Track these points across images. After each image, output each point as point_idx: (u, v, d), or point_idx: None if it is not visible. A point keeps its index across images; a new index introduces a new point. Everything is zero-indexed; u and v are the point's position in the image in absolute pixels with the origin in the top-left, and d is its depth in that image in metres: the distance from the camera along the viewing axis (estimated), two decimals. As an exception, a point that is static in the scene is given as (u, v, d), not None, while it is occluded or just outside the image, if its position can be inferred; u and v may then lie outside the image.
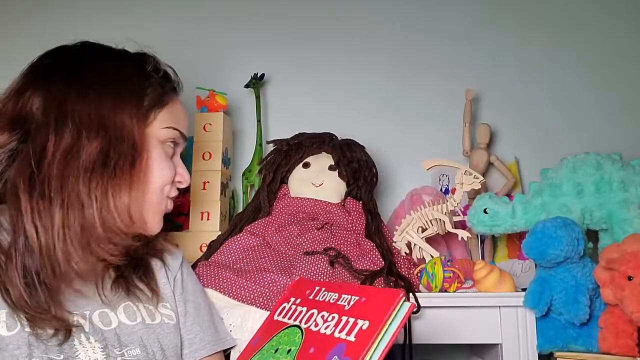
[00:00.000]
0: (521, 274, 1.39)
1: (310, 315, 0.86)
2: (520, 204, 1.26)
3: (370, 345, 0.70)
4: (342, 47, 1.70)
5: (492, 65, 1.68)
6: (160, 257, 1.02)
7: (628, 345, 1.04)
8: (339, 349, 0.73)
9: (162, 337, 0.94)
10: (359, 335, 0.73)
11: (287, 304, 0.96)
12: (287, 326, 0.89)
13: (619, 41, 1.68)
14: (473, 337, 1.19)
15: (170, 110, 0.96)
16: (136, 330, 0.91)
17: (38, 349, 0.80)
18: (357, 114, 1.66)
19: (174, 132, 0.96)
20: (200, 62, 1.67)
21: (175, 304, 1.01)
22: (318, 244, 1.20)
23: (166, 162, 0.94)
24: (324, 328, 0.80)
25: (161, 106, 0.94)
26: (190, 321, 1.01)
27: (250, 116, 1.62)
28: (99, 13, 1.71)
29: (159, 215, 0.95)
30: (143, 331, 0.92)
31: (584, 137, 1.62)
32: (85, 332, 0.85)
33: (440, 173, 1.57)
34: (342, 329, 0.77)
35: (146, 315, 0.94)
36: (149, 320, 0.94)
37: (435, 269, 1.18)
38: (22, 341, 0.80)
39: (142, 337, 0.91)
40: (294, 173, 1.36)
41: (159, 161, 0.93)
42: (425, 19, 1.71)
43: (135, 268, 0.96)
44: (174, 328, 0.97)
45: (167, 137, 0.95)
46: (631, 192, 1.20)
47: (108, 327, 0.89)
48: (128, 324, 0.91)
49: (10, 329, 0.80)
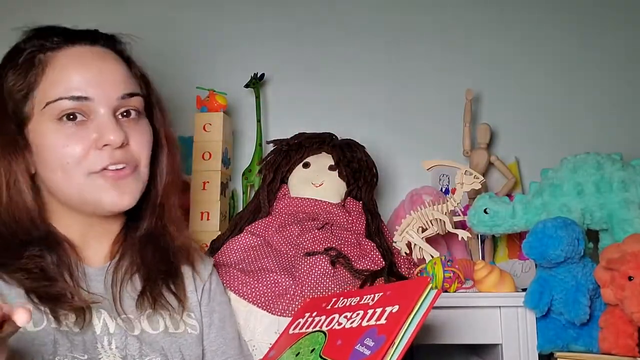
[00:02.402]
0: (521, 274, 1.39)
1: (332, 319, 0.84)
2: (521, 204, 1.26)
3: (404, 322, 0.70)
4: (343, 47, 1.70)
5: (492, 65, 1.68)
6: (191, 264, 0.99)
7: (628, 346, 1.04)
8: (371, 332, 0.72)
9: (184, 347, 0.91)
10: (390, 317, 0.72)
11: (302, 319, 0.92)
12: (307, 334, 0.86)
13: (619, 41, 1.68)
14: (473, 337, 1.19)
15: (48, 83, 0.85)
16: (158, 339, 0.89)
17: (63, 346, 0.79)
18: (357, 114, 1.66)
19: (59, 104, 0.84)
20: (200, 62, 1.67)
21: (201, 314, 0.97)
22: (319, 244, 1.20)
23: (63, 142, 0.84)
24: (349, 324, 0.78)
25: (30, 90, 0.85)
26: (214, 333, 0.98)
27: (250, 116, 1.62)
28: (99, 12, 1.70)
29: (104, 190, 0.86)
30: (165, 340, 0.89)
31: (584, 137, 1.62)
32: (110, 334, 0.84)
33: (440, 173, 1.57)
34: (370, 318, 0.75)
35: (170, 323, 0.91)
36: (173, 329, 0.91)
37: (435, 269, 1.18)
38: (48, 338, 0.79)
39: (163, 346, 0.88)
40: (294, 173, 1.36)
41: (51, 145, 0.84)
42: (426, 18, 1.71)
43: (166, 277, 0.93)
44: (196, 338, 0.94)
45: (54, 115, 0.84)
46: (631, 192, 1.20)
47: (132, 333, 0.87)
48: (151, 332, 0.89)
49: (37, 324, 0.79)
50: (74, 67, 0.86)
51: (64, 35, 0.88)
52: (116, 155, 0.86)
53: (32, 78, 0.85)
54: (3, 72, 0.87)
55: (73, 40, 0.88)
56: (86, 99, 0.85)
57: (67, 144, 0.84)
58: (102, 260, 0.93)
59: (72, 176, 0.85)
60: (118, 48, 0.93)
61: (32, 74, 0.85)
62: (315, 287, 1.12)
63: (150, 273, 0.92)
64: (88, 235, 0.92)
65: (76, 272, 0.87)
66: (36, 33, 0.89)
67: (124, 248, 0.94)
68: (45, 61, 0.86)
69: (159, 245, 0.95)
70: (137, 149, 0.89)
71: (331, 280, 1.14)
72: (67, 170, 0.84)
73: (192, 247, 1.00)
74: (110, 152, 0.85)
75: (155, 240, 0.95)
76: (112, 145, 0.85)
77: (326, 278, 1.14)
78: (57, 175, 0.85)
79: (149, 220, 0.95)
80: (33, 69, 0.85)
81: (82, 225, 0.91)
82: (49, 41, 0.87)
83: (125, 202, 0.87)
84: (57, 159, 0.84)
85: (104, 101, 0.86)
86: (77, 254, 0.89)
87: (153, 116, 0.94)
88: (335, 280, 1.14)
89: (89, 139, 0.85)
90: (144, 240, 0.95)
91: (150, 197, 0.94)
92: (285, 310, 1.09)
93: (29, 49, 0.87)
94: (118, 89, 0.87)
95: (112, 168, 0.86)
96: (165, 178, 0.95)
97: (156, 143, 0.93)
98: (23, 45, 0.88)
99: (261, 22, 1.71)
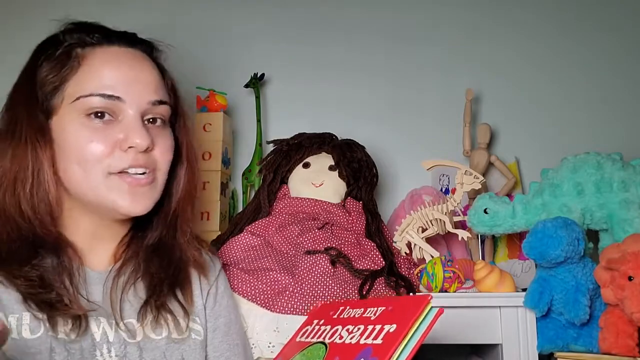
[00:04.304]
0: (521, 274, 1.39)
1: (335, 331, 0.83)
2: (521, 204, 1.26)
3: (398, 344, 0.69)
4: (342, 47, 1.70)
5: (492, 65, 1.68)
6: (199, 267, 0.97)
7: (628, 346, 1.04)
8: (366, 353, 0.71)
9: (187, 354, 0.90)
10: (386, 337, 0.71)
11: (310, 326, 0.92)
12: (310, 344, 0.85)
13: (619, 41, 1.68)
14: (473, 337, 1.19)
15: (82, 78, 0.85)
16: (160, 345, 0.87)
17: (59, 355, 0.78)
18: (357, 114, 1.66)
19: (90, 100, 0.84)
20: (200, 61, 1.67)
21: (205, 318, 0.96)
22: (319, 243, 1.20)
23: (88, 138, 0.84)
24: (349, 339, 0.78)
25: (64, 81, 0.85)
26: (218, 338, 0.96)
27: (250, 116, 1.62)
28: (99, 12, 1.70)
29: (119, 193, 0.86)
30: (167, 346, 0.88)
31: (584, 137, 1.62)
32: (109, 342, 0.83)
33: (440, 173, 1.57)
34: (369, 336, 0.74)
35: (173, 328, 0.89)
36: (176, 335, 0.89)
37: (435, 269, 1.18)
38: (44, 346, 0.78)
39: (165, 352, 0.87)
40: (294, 173, 1.36)
41: (75, 140, 0.84)
42: (425, 18, 1.71)
43: (173, 286, 0.91)
44: (200, 344, 0.92)
45: (83, 111, 0.84)
46: (632, 192, 1.20)
47: (132, 339, 0.86)
48: (153, 337, 0.87)
49: (34, 332, 0.79)
50: (110, 66, 0.86)
51: (104, 34, 0.89)
52: (139, 159, 0.86)
53: (67, 71, 0.85)
54: (38, 62, 0.87)
55: (112, 40, 0.88)
56: (118, 98, 0.84)
57: (92, 140, 0.84)
58: (105, 264, 0.92)
59: (90, 173, 0.84)
60: (154, 55, 0.93)
61: (67, 67, 0.85)
62: (315, 285, 1.12)
63: (155, 282, 0.91)
64: (95, 237, 0.91)
65: (77, 278, 0.86)
66: (76, 27, 0.89)
67: (127, 254, 0.93)
68: (82, 56, 0.86)
69: (167, 255, 0.94)
70: (159, 156, 0.89)
71: (331, 279, 1.14)
72: (87, 166, 0.84)
73: (201, 249, 0.98)
74: (134, 155, 0.85)
75: (163, 250, 0.94)
76: (137, 148, 0.85)
77: (326, 277, 1.14)
78: (76, 171, 0.84)
79: (160, 231, 0.94)
80: (69, 62, 0.85)
81: (90, 228, 0.90)
82: (90, 37, 0.87)
83: (139, 209, 0.87)
84: (80, 154, 0.84)
85: (135, 104, 0.86)
86: (80, 258, 0.88)
87: (177, 127, 0.94)
88: (335, 279, 1.15)
89: (115, 138, 0.85)
90: (151, 249, 0.94)
91: (163, 207, 0.94)
92: (284, 307, 1.09)
93: (68, 42, 0.87)
94: (149, 94, 0.87)
95: (132, 172, 0.86)
96: (181, 191, 0.95)
97: (176, 154, 0.93)
98: (62, 37, 0.88)
99: (261, 22, 1.71)
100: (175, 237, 0.95)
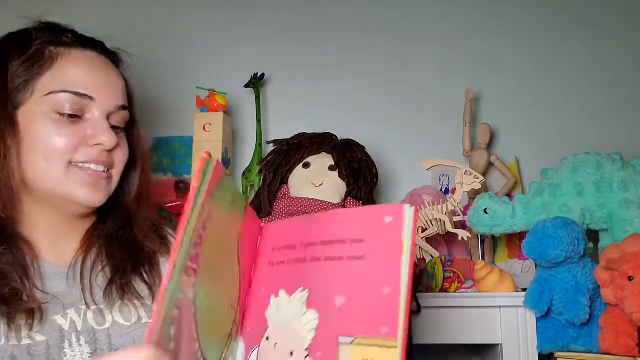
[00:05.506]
0: (521, 274, 1.39)
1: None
2: (521, 204, 1.26)
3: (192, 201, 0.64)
4: (342, 47, 1.70)
5: (492, 65, 1.68)
6: (161, 248, 0.98)
7: (628, 346, 1.04)
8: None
9: None
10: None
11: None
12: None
13: (619, 41, 1.68)
14: (473, 337, 1.19)
15: (55, 75, 0.88)
16: (130, 331, 0.89)
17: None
18: (357, 114, 1.66)
19: (61, 95, 0.86)
20: (200, 61, 1.67)
21: None
22: (318, 244, 1.20)
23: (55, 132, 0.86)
24: None
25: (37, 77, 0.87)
26: None
27: (250, 116, 1.62)
28: (99, 12, 1.70)
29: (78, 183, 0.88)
30: (138, 332, 0.89)
31: (584, 137, 1.62)
32: (77, 331, 0.84)
33: (440, 173, 1.57)
34: None
35: (144, 313, 0.91)
36: (146, 319, 0.90)
37: (435, 269, 1.19)
38: (5, 354, 0.78)
39: (135, 338, 0.88)
40: (294, 173, 1.36)
41: (42, 132, 0.86)
42: (426, 18, 1.71)
43: (137, 264, 0.94)
44: None
45: (52, 105, 0.86)
46: (631, 192, 1.20)
47: (101, 326, 0.87)
48: (123, 324, 0.89)
49: None
50: (84, 67, 0.90)
51: (77, 37, 0.93)
52: (102, 156, 0.89)
53: (38, 69, 0.88)
54: (10, 55, 0.90)
55: (85, 44, 0.93)
56: (89, 97, 0.88)
57: (59, 134, 0.87)
58: (68, 258, 0.93)
59: (52, 165, 0.87)
60: (119, 64, 0.98)
61: (39, 64, 0.88)
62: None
63: (118, 262, 0.92)
64: (55, 233, 0.92)
65: (31, 272, 0.86)
66: (50, 27, 0.93)
67: (88, 245, 0.95)
68: (57, 54, 0.89)
69: (127, 239, 0.96)
70: (118, 157, 0.93)
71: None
72: (50, 158, 0.86)
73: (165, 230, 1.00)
74: (99, 152, 0.89)
75: (123, 236, 0.97)
76: (104, 146, 0.89)
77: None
78: (40, 163, 0.87)
79: (117, 224, 0.97)
80: (42, 60, 0.89)
81: (50, 223, 0.91)
82: (65, 37, 0.91)
83: (96, 199, 0.90)
84: (44, 147, 0.86)
85: (103, 105, 0.90)
86: (34, 253, 0.89)
87: (133, 133, 0.99)
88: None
89: (82, 134, 0.88)
90: (112, 236, 0.96)
91: (118, 204, 0.97)
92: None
93: (41, 40, 0.90)
94: (117, 98, 0.92)
95: (94, 168, 0.89)
96: (134, 191, 0.98)
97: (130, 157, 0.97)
98: (34, 35, 0.91)
99: (261, 22, 1.71)
100: (133, 231, 0.98)
